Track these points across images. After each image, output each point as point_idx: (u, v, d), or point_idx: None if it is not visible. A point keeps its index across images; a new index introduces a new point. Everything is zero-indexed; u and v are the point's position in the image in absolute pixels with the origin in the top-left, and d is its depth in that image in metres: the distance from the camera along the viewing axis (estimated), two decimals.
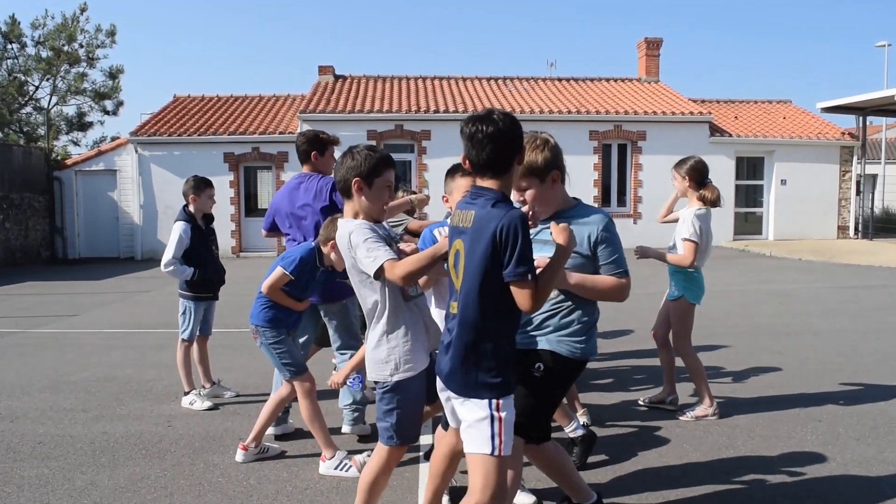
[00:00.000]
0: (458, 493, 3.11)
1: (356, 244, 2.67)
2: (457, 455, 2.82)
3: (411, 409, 2.86)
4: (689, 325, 4.75)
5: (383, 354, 2.77)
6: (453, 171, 3.29)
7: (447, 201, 3.10)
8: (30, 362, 6.79)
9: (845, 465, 3.88)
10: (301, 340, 4.50)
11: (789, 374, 5.88)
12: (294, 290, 3.91)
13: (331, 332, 4.52)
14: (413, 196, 5.03)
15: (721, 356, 6.50)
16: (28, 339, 7.98)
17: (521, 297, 2.28)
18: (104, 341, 7.78)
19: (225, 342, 7.26)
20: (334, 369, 6.06)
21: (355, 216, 2.83)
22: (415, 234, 5.93)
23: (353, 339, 4.51)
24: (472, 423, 2.38)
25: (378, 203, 2.82)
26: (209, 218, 5.41)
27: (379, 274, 2.60)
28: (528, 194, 2.81)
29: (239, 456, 4.08)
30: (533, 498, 3.44)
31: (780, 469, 3.83)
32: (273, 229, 4.70)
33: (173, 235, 5.11)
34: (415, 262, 2.58)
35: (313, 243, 3.92)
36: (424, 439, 4.39)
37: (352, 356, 4.39)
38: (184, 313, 5.27)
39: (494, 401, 2.35)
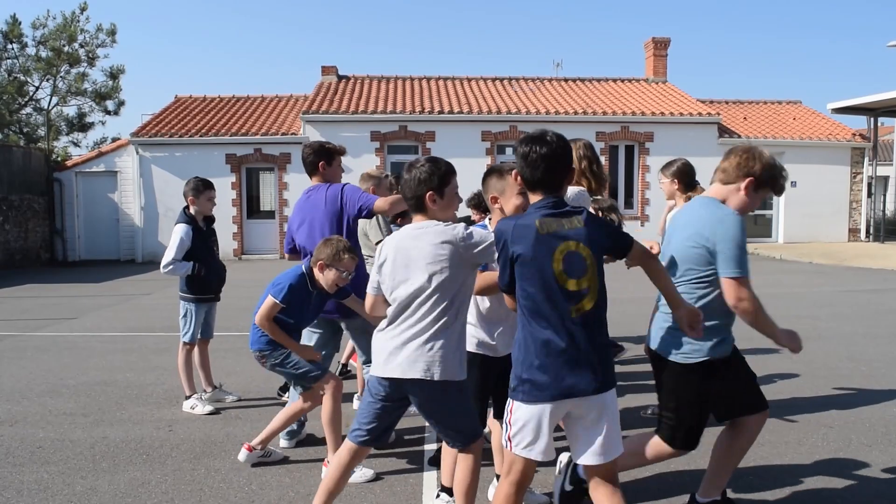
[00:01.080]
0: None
1: (481, 239, 2.75)
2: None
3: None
4: None
5: (459, 353, 2.83)
6: (499, 171, 3.15)
7: (496, 201, 3.08)
8: (28, 366, 6.80)
9: (857, 472, 3.87)
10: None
11: (799, 379, 5.87)
12: (290, 316, 3.91)
13: (356, 345, 4.49)
14: None
15: None
16: (27, 343, 8.01)
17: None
18: (104, 345, 7.80)
19: (227, 345, 7.27)
20: (337, 365, 6.05)
21: None
22: None
23: None
24: (615, 417, 2.54)
25: (451, 210, 2.93)
26: (210, 219, 5.42)
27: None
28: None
29: (242, 455, 4.07)
30: (545, 498, 3.51)
31: (791, 476, 3.81)
32: (294, 252, 4.56)
33: (174, 238, 5.13)
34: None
35: (303, 267, 3.93)
36: (428, 447, 4.39)
37: None
38: (184, 316, 5.28)
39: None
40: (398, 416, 3.00)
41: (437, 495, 3.39)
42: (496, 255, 2.62)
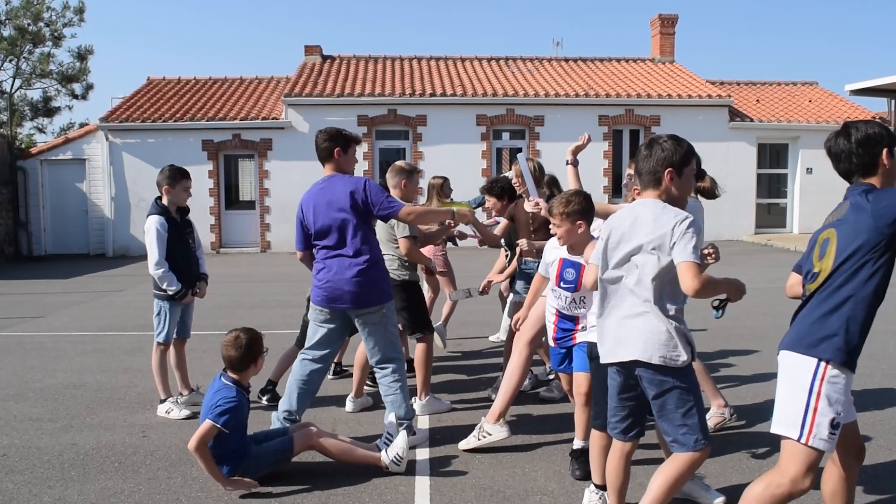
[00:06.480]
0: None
1: (684, 232, 2.83)
2: None
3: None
4: None
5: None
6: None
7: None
8: None
9: (876, 476, 3.89)
10: (322, 353, 4.48)
11: None
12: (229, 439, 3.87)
13: (368, 345, 4.45)
14: (456, 207, 4.79)
15: (742, 359, 6.50)
16: None
17: None
18: (73, 345, 7.78)
19: (205, 345, 7.25)
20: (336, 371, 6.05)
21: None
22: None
23: (395, 350, 4.45)
24: None
25: (686, 191, 3.07)
26: (184, 210, 5.39)
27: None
28: None
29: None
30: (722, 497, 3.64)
31: None
32: (309, 248, 4.49)
33: (151, 234, 5.09)
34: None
35: (225, 381, 3.95)
36: (421, 453, 4.39)
37: (394, 370, 4.40)
38: (158, 314, 5.26)
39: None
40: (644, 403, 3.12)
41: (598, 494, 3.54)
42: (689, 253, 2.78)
